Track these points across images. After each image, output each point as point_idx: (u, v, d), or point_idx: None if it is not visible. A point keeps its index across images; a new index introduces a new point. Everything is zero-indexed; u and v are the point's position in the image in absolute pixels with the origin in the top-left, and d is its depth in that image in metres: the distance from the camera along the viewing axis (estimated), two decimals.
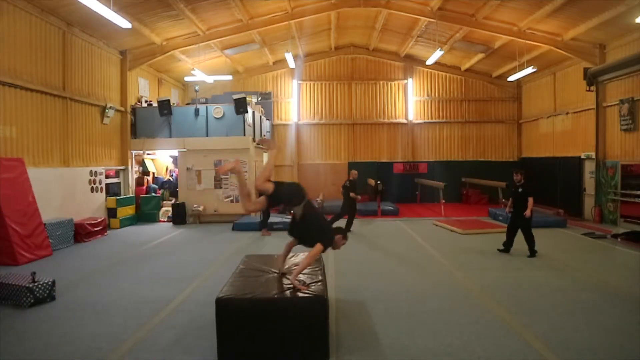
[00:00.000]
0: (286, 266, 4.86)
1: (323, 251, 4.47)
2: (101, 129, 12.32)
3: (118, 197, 12.53)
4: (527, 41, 13.38)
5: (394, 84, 19.06)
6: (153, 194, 13.97)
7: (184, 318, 5.12)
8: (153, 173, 15.48)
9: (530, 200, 8.06)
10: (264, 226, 11.35)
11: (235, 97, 13.17)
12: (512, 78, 15.77)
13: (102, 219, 11.23)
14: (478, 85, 18.91)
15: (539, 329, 4.66)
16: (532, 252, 8.15)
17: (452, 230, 11.20)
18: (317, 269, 4.86)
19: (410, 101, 18.95)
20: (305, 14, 13.78)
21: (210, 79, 15.59)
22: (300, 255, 5.49)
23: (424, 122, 19.03)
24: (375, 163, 18.64)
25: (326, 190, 18.46)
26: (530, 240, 8.16)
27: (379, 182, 14.97)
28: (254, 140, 13.76)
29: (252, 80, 19.06)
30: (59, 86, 10.51)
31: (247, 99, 13.58)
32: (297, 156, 18.94)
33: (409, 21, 14.91)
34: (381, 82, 19.04)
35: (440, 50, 13.76)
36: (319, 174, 18.92)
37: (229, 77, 17.05)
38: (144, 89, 14.96)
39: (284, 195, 4.51)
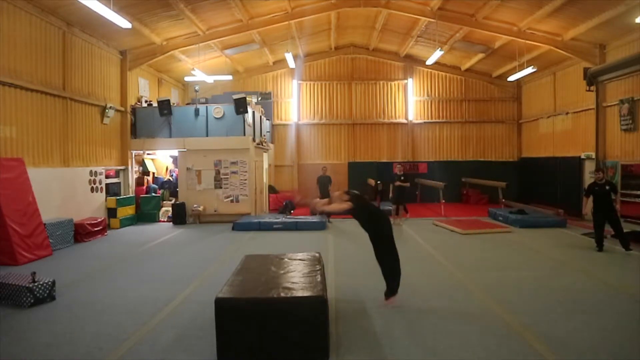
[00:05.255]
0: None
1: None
2: (101, 129, 12.31)
3: (118, 197, 12.52)
4: (527, 41, 13.37)
5: (394, 84, 19.05)
6: (153, 194, 13.96)
7: (184, 318, 5.12)
8: (153, 173, 15.47)
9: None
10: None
11: (235, 97, 13.15)
12: (512, 78, 15.77)
13: (102, 219, 11.23)
14: (478, 85, 18.91)
15: (539, 329, 4.65)
16: None
17: (452, 230, 11.19)
18: (317, 268, 4.87)
19: (410, 101, 18.94)
20: (305, 14, 13.78)
21: (210, 79, 15.59)
22: (298, 255, 5.51)
23: (424, 122, 19.03)
24: (375, 163, 18.63)
25: None
26: None
27: (379, 182, 14.97)
28: (253, 140, 13.75)
29: (252, 80, 19.07)
30: (59, 86, 10.51)
31: (247, 99, 13.56)
32: (297, 156, 18.93)
33: (409, 21, 14.90)
34: (381, 82, 19.04)
35: (440, 50, 13.77)
36: (319, 174, 18.85)
37: (229, 77, 17.06)
38: (144, 89, 14.95)
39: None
